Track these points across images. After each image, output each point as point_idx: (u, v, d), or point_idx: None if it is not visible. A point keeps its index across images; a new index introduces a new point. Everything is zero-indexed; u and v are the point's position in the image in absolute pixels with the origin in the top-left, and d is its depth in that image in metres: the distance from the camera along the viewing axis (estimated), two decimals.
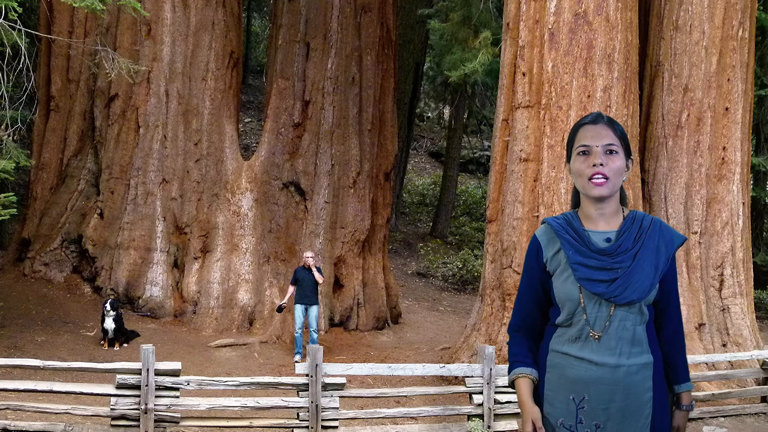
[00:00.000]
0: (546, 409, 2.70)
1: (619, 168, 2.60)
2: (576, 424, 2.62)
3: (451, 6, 16.57)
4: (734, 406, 8.60)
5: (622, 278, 2.58)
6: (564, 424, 2.65)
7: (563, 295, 2.66)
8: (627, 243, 2.62)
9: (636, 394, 2.59)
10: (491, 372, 7.34)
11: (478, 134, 30.63)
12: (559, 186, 9.15)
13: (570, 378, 2.64)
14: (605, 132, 2.61)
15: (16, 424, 6.65)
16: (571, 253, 2.64)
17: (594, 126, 2.63)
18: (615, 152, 2.60)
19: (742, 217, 10.11)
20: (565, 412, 2.65)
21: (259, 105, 25.92)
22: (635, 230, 2.65)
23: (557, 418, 2.66)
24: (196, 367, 9.91)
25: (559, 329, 2.70)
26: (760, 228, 20.79)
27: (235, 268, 12.75)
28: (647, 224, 2.67)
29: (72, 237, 13.09)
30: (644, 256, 2.61)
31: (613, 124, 2.66)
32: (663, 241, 2.65)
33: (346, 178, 13.61)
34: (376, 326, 13.65)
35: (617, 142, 2.61)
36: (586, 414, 2.62)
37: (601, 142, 2.60)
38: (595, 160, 2.58)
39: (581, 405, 2.62)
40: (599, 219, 2.67)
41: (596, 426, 2.60)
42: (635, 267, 2.59)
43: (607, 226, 2.67)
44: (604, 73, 9.11)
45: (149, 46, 12.99)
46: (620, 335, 2.59)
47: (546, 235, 2.75)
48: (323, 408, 6.91)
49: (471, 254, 20.06)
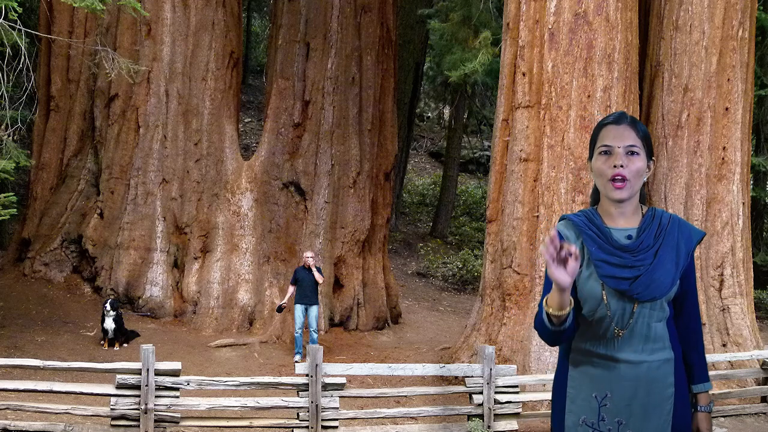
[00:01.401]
0: (568, 407, 2.71)
1: (639, 169, 2.61)
2: (598, 422, 2.64)
3: (451, 6, 16.57)
4: (734, 406, 8.60)
5: (644, 275, 2.59)
6: (587, 422, 2.66)
7: (586, 292, 2.66)
8: (648, 240, 2.64)
9: (658, 389, 2.61)
10: (491, 372, 7.34)
11: (478, 134, 30.64)
12: (559, 186, 9.15)
13: (592, 376, 2.66)
14: (627, 133, 2.62)
15: (16, 424, 6.65)
16: (594, 250, 2.65)
17: (617, 126, 2.64)
18: (636, 153, 2.61)
19: (742, 217, 10.11)
20: (587, 409, 2.67)
21: (259, 105, 25.92)
22: (655, 227, 2.66)
23: (579, 415, 2.68)
24: (196, 367, 9.91)
25: (581, 327, 2.70)
26: (760, 228, 20.79)
27: (235, 268, 12.75)
28: (666, 221, 2.69)
29: (72, 237, 13.09)
30: (665, 253, 2.62)
31: (636, 124, 2.66)
32: (682, 237, 2.67)
33: (346, 178, 13.61)
34: (376, 326, 13.65)
35: (639, 144, 2.62)
36: (608, 411, 2.63)
37: (623, 143, 2.61)
38: (616, 161, 2.59)
39: (604, 402, 2.64)
40: (619, 217, 2.68)
41: (618, 423, 2.62)
42: (657, 264, 2.61)
43: (627, 223, 2.68)
44: (604, 73, 9.11)
45: (149, 46, 12.99)
46: (642, 332, 2.61)
47: (568, 230, 2.75)
48: (323, 408, 6.91)
49: (471, 254, 20.06)
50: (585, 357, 2.68)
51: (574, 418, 2.69)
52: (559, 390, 2.77)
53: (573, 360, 2.73)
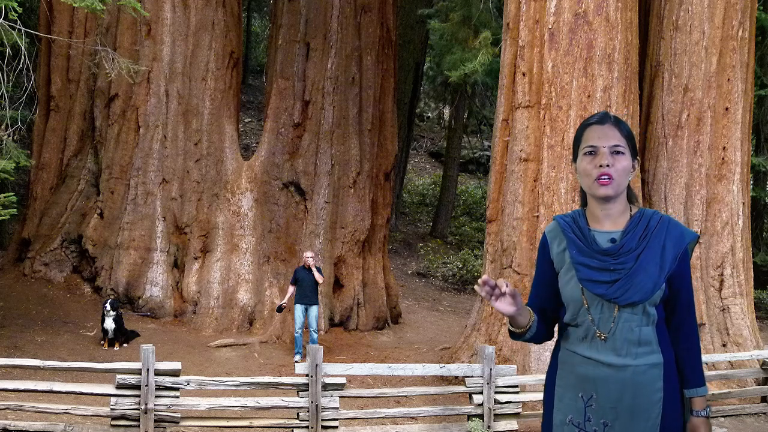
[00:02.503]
0: (556, 405, 2.72)
1: (624, 168, 2.59)
2: (584, 422, 2.64)
3: (451, 6, 16.57)
4: (734, 406, 8.60)
5: (623, 279, 2.57)
6: (573, 422, 2.66)
7: (567, 295, 2.67)
8: (630, 243, 2.61)
9: (645, 394, 2.58)
10: (491, 372, 7.34)
11: (478, 134, 30.63)
12: (559, 186, 9.16)
13: (579, 376, 2.65)
14: (612, 132, 2.61)
15: (16, 424, 6.65)
16: (574, 253, 2.65)
17: (601, 126, 2.63)
18: (621, 153, 2.59)
19: (742, 217, 10.11)
20: (573, 409, 2.66)
21: (259, 105, 25.92)
22: (640, 230, 2.62)
23: (566, 414, 2.68)
24: (196, 367, 9.91)
25: (568, 329, 2.72)
26: (760, 228, 20.79)
27: (235, 268, 12.75)
28: (654, 223, 2.64)
29: (72, 237, 13.09)
30: (648, 257, 2.58)
31: (620, 124, 2.65)
32: (670, 239, 2.61)
33: (346, 178, 13.61)
34: (376, 326, 13.65)
35: (623, 143, 2.61)
36: (594, 412, 2.62)
37: (608, 142, 2.59)
38: (601, 160, 2.58)
39: (589, 403, 2.63)
40: (605, 219, 2.66)
41: (604, 424, 2.61)
42: (638, 268, 2.57)
43: (613, 226, 2.66)
44: (604, 73, 9.11)
45: (149, 46, 13.00)
46: (626, 336, 2.58)
47: (553, 232, 2.76)
48: (323, 408, 6.91)
49: (471, 254, 20.06)
50: (571, 357, 2.69)
51: (561, 417, 2.69)
52: (549, 387, 2.78)
53: (561, 359, 2.74)
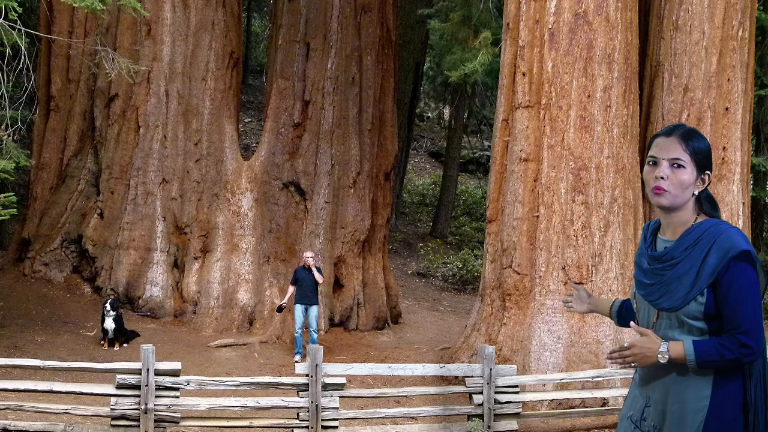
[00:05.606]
0: (627, 398, 2.91)
1: (683, 182, 2.63)
2: (640, 420, 2.77)
3: (451, 6, 16.57)
4: None
5: (658, 285, 2.69)
6: (632, 418, 2.80)
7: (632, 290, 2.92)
8: (674, 252, 2.68)
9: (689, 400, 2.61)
10: (491, 372, 7.34)
11: (478, 134, 30.62)
12: (559, 186, 9.16)
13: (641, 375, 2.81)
14: (674, 146, 2.65)
15: (16, 424, 6.65)
16: (637, 254, 2.87)
17: (666, 138, 2.70)
18: (682, 166, 2.63)
19: (742, 217, 10.11)
20: (635, 406, 2.82)
21: (259, 105, 25.91)
22: (688, 241, 2.66)
23: (629, 409, 2.84)
24: (196, 367, 9.91)
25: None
26: (760, 228, 20.78)
27: (235, 268, 12.75)
28: (703, 234, 2.64)
29: (72, 237, 13.09)
30: (685, 267, 2.63)
31: (687, 138, 2.66)
32: (715, 252, 2.58)
33: (346, 178, 13.61)
34: (376, 326, 13.65)
35: (686, 157, 2.63)
36: (649, 413, 2.74)
37: (668, 155, 2.65)
38: (658, 172, 2.65)
39: (648, 404, 2.75)
40: (667, 227, 2.77)
41: (654, 427, 2.72)
42: (672, 276, 2.65)
43: (672, 235, 2.75)
44: (604, 73, 9.11)
45: (149, 46, 12.99)
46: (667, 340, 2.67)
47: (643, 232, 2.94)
48: (323, 408, 6.91)
49: (471, 254, 20.05)
50: None
51: (625, 410, 2.87)
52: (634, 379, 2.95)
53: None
